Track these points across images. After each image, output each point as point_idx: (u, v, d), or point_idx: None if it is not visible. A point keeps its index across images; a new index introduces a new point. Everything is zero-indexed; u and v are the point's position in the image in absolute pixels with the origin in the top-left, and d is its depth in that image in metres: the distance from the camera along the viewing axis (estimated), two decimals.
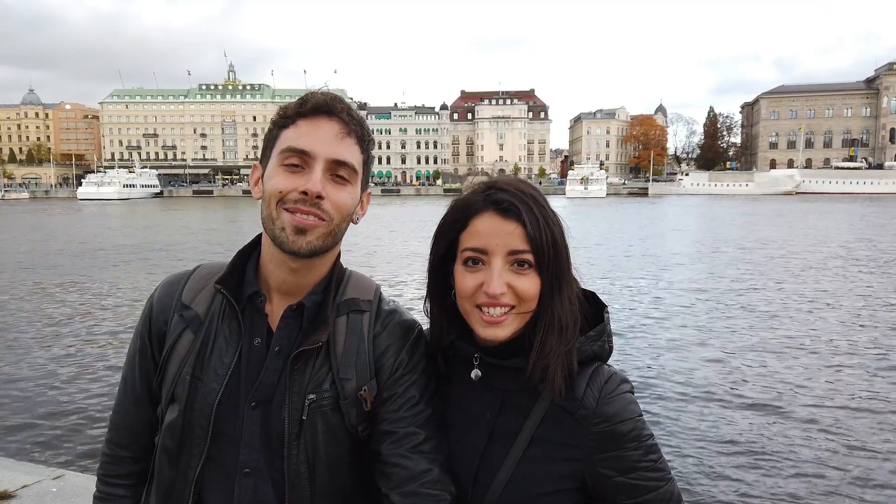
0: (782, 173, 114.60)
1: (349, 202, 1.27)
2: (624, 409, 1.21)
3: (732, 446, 6.93)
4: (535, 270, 1.22)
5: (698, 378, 9.29)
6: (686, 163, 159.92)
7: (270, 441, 1.25)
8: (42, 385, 9.03)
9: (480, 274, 1.23)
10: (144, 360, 1.36)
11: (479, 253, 1.23)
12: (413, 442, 1.25)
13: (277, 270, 1.29)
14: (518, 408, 1.26)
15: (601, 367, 1.26)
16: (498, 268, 1.21)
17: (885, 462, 6.53)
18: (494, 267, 1.21)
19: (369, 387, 1.29)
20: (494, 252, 1.21)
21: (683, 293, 16.45)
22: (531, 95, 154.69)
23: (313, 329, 1.28)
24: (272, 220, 1.23)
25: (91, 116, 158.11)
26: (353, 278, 1.40)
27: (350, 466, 1.31)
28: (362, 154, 1.29)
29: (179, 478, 1.27)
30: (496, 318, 1.22)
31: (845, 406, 8.14)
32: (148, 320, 1.37)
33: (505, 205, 1.22)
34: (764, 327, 12.56)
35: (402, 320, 1.38)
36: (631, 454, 1.20)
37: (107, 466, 1.42)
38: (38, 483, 4.20)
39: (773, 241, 29.82)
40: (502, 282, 1.20)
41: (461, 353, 1.32)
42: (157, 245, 29.60)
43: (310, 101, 1.25)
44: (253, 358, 1.28)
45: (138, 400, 1.37)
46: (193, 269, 1.41)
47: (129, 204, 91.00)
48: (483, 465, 1.25)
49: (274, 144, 1.27)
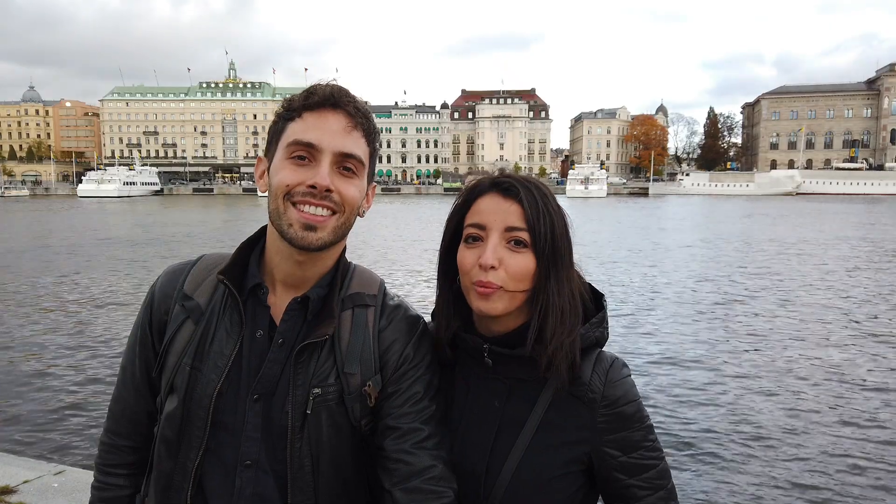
0: (783, 174, 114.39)
1: (357, 195, 1.27)
2: (628, 391, 1.27)
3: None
4: (531, 252, 1.25)
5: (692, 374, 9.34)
6: (687, 163, 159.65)
7: (272, 434, 1.25)
8: (43, 379, 9.04)
9: (478, 250, 1.26)
10: (144, 350, 1.36)
11: (478, 229, 1.27)
12: (417, 438, 1.25)
13: (283, 263, 1.29)
14: (525, 395, 1.29)
15: (603, 353, 1.32)
16: (493, 241, 1.25)
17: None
18: (490, 241, 1.25)
19: (374, 382, 1.28)
20: (492, 227, 1.26)
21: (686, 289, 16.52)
22: (532, 95, 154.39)
23: (319, 322, 1.28)
24: (279, 215, 1.22)
25: (91, 114, 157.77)
26: (357, 272, 1.39)
27: (353, 460, 1.31)
28: (368, 147, 1.28)
29: (178, 468, 1.27)
30: (487, 290, 1.25)
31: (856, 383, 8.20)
32: (149, 309, 1.36)
33: (506, 185, 1.27)
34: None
35: (407, 315, 1.37)
36: (634, 434, 1.26)
37: (105, 456, 1.41)
38: (40, 478, 4.21)
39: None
40: (496, 255, 1.24)
41: (468, 344, 1.33)
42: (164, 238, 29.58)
43: (316, 93, 1.24)
44: (255, 350, 1.27)
45: (137, 389, 1.37)
46: (196, 260, 1.41)
47: (129, 201, 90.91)
48: (493, 452, 1.28)
49: (280, 137, 1.25)
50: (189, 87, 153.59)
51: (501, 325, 1.31)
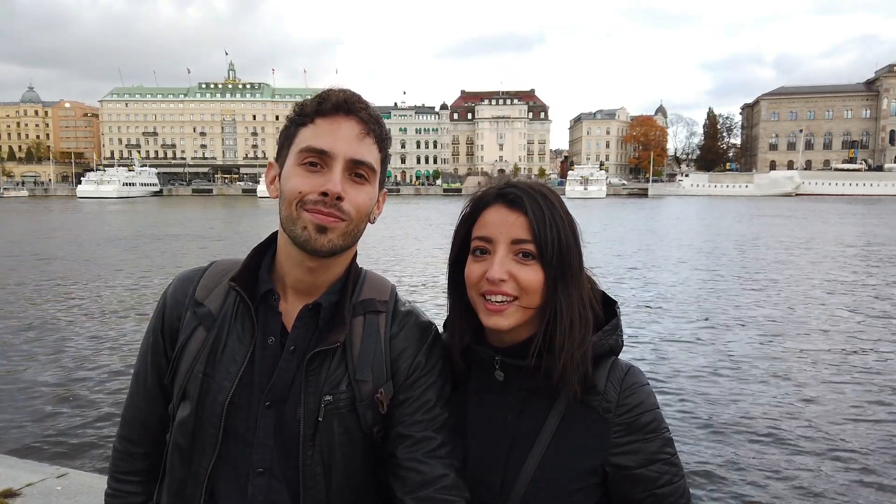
0: (782, 175, 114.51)
1: (368, 202, 1.26)
2: (644, 400, 1.24)
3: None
4: (539, 263, 1.23)
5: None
6: (686, 164, 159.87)
7: (285, 441, 1.24)
8: (45, 383, 8.98)
9: (486, 263, 1.25)
10: (157, 357, 1.35)
11: (485, 242, 1.26)
12: (429, 447, 1.24)
13: (294, 269, 1.28)
14: (538, 407, 1.27)
15: (618, 361, 1.29)
16: (500, 255, 1.23)
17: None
18: (497, 254, 1.24)
19: (385, 389, 1.28)
20: (498, 240, 1.24)
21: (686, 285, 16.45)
22: (531, 95, 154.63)
23: (330, 329, 1.27)
24: (293, 221, 1.21)
25: (91, 115, 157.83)
26: (368, 278, 1.38)
27: (365, 467, 1.30)
28: (380, 153, 1.28)
29: (191, 475, 1.26)
30: (498, 306, 1.23)
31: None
32: (161, 316, 1.36)
33: (511, 197, 1.25)
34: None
35: (418, 322, 1.36)
36: (650, 445, 1.22)
37: (118, 463, 1.41)
38: (43, 481, 4.17)
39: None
40: (503, 269, 1.23)
41: (479, 356, 1.32)
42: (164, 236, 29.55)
43: (329, 99, 1.23)
44: (266, 357, 1.26)
45: (150, 396, 1.37)
46: (207, 266, 1.40)
47: (129, 202, 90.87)
48: (508, 466, 1.26)
49: (292, 143, 1.25)
50: (188, 88, 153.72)
51: (512, 335, 1.29)
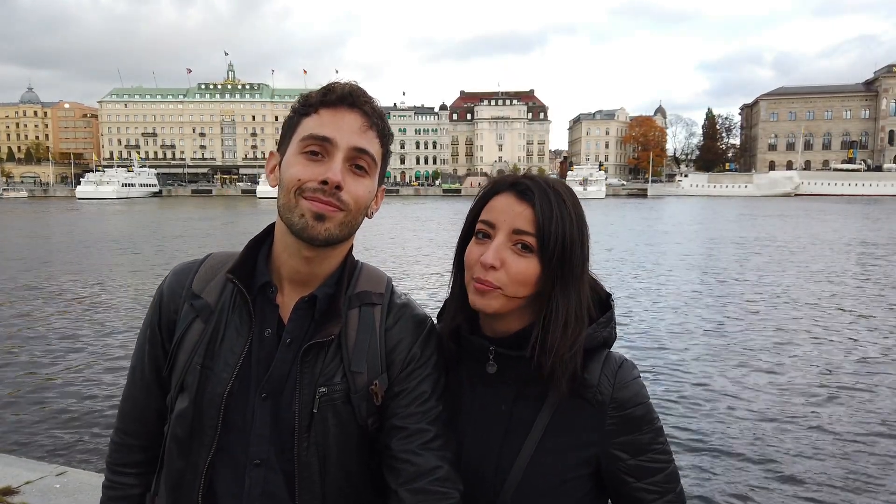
0: (781, 175, 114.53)
1: (366, 194, 1.26)
2: (637, 393, 1.26)
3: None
4: (538, 258, 1.23)
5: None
6: (685, 164, 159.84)
7: (281, 433, 1.24)
8: (44, 380, 8.98)
9: (484, 247, 1.26)
10: (154, 349, 1.35)
11: (488, 226, 1.27)
12: (423, 438, 1.25)
13: (290, 260, 1.28)
14: (532, 398, 1.28)
15: (611, 354, 1.30)
16: (498, 241, 1.24)
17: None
18: (496, 240, 1.24)
19: (380, 381, 1.28)
20: (500, 227, 1.25)
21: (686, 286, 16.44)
22: (530, 96, 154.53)
23: (325, 321, 1.28)
24: (290, 209, 1.21)
25: (90, 115, 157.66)
26: (364, 271, 1.39)
27: (360, 459, 1.30)
28: (382, 148, 1.29)
29: (189, 467, 1.27)
30: (484, 287, 1.24)
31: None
32: (158, 309, 1.36)
33: (523, 188, 1.26)
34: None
35: (414, 314, 1.37)
36: (643, 437, 1.25)
37: (115, 455, 1.42)
38: (42, 479, 4.17)
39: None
40: (498, 255, 1.23)
41: (473, 346, 1.32)
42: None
43: (334, 91, 1.24)
44: (263, 349, 1.27)
45: (147, 388, 1.37)
46: (204, 258, 1.40)
47: (128, 203, 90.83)
48: (501, 456, 1.27)
49: (294, 132, 1.25)
50: (188, 89, 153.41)
51: (505, 325, 1.30)
